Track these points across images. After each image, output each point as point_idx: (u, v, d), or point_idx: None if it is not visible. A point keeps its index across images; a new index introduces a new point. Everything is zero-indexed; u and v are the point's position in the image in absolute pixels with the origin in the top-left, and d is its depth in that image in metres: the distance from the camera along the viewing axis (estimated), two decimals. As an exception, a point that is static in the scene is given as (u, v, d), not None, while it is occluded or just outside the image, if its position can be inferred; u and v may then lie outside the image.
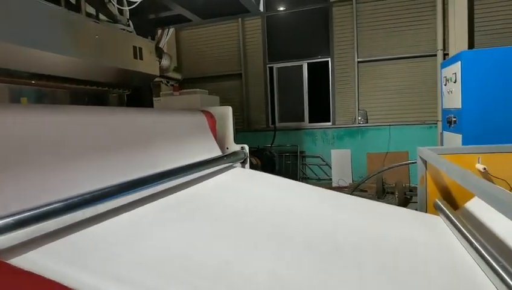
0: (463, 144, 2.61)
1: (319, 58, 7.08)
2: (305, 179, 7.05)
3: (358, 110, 6.73)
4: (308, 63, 7.15)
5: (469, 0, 5.72)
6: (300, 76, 7.22)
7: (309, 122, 7.21)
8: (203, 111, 2.30)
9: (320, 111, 7.17)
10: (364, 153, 6.62)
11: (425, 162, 2.05)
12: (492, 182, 2.01)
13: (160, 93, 6.06)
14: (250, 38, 7.42)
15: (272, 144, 6.92)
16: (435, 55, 5.98)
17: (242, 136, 7.11)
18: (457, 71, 2.68)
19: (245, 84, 7.47)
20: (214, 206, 1.46)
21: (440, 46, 5.97)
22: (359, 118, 6.75)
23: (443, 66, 3.23)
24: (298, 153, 7.02)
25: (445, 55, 5.96)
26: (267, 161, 6.11)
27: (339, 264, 1.09)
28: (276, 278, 0.94)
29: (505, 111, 2.53)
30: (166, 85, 3.25)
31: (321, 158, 6.98)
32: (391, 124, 6.44)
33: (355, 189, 3.97)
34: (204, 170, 1.72)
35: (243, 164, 2.34)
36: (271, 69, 7.40)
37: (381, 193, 5.26)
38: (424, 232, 1.54)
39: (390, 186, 5.23)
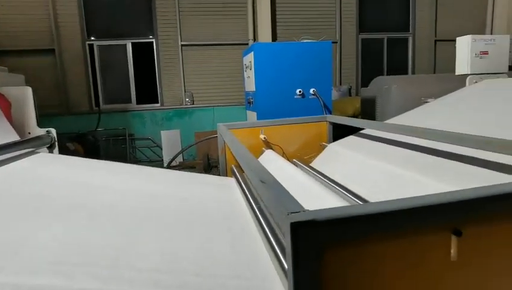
0: (258, 119, 3.23)
1: (144, 39, 6.99)
2: (136, 162, 6.97)
3: (185, 91, 7.05)
4: (132, 43, 6.95)
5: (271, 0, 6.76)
6: (124, 56, 6.97)
7: (137, 103, 7.10)
8: (-8, 92, 2.06)
9: (148, 92, 7.16)
10: (192, 132, 7.02)
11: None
12: (272, 148, 2.61)
13: None
14: (64, 10, 6.61)
15: (96, 128, 6.51)
16: (247, 44, 6.81)
17: (59, 121, 6.38)
18: (252, 60, 3.26)
19: (60, 62, 6.66)
20: (5, 193, 1.41)
21: (251, 36, 6.84)
22: (186, 99, 7.08)
23: (243, 54, 3.82)
24: (127, 136, 6.85)
25: (255, 44, 6.86)
26: (90, 146, 5.75)
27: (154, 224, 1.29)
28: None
29: (285, 92, 3.27)
30: None
31: (151, 140, 7.02)
32: (215, 105, 7.04)
33: (170, 164, 4.27)
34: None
35: (51, 148, 2.23)
36: (91, 46, 6.84)
37: (208, 167, 5.78)
38: (219, 190, 1.92)
39: (215, 160, 5.80)
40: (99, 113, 6.50)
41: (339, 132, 2.70)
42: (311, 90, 3.22)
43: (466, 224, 0.64)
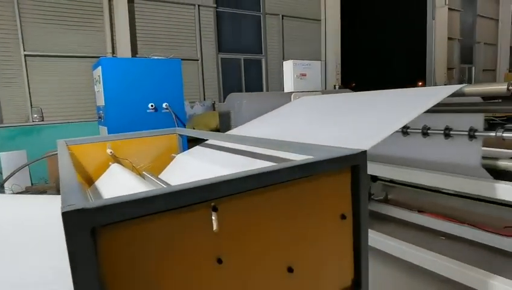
0: (108, 134, 3.16)
1: (-27, 46, 5.96)
2: (-34, 191, 5.80)
3: (32, 107, 6.26)
4: (-44, 50, 5.84)
5: (130, 14, 6.66)
6: None
7: (-34, 121, 5.95)
8: None
9: (-18, 108, 6.10)
10: (43, 152, 6.26)
11: (64, 152, 2.34)
12: (120, 163, 2.60)
13: None
14: None
15: None
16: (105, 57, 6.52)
17: None
18: (100, 74, 3.19)
19: None
20: None
21: (109, 49, 6.58)
22: (34, 115, 6.30)
23: (93, 68, 3.69)
24: (-49, 160, 5.66)
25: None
26: None
27: None
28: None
29: (137, 107, 3.30)
30: None
31: (-12, 164, 5.97)
32: (70, 121, 6.46)
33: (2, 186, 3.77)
34: None
35: None
36: None
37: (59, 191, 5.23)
38: (49, 208, 1.83)
39: (70, 182, 5.29)
40: None
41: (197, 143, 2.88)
42: (164, 105, 3.34)
43: (221, 201, 0.85)
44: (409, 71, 12.96)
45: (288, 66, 3.23)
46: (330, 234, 1.09)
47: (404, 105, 1.84)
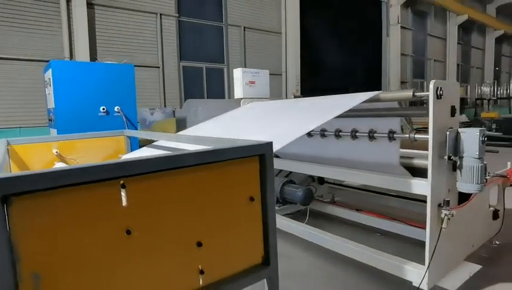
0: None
1: None
2: None
3: (-22, 111, 6.03)
4: None
5: (90, 20, 6.62)
6: None
7: None
8: None
9: None
10: (-9, 158, 6.00)
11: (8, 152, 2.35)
12: (66, 162, 2.63)
13: None
14: None
15: None
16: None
17: None
18: (51, 76, 3.20)
19: None
20: None
21: (67, 54, 6.48)
22: (-19, 120, 6.05)
23: (44, 71, 3.68)
24: None
25: (72, 62, 6.52)
26: None
27: None
28: None
29: (88, 110, 3.33)
30: None
31: None
32: (21, 126, 6.26)
33: None
34: None
35: None
36: None
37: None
38: None
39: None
40: None
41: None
42: (116, 108, 3.39)
43: (130, 180, 0.97)
44: (367, 84, 13.66)
45: (238, 73, 3.41)
46: (239, 214, 1.23)
47: (328, 108, 2.05)
